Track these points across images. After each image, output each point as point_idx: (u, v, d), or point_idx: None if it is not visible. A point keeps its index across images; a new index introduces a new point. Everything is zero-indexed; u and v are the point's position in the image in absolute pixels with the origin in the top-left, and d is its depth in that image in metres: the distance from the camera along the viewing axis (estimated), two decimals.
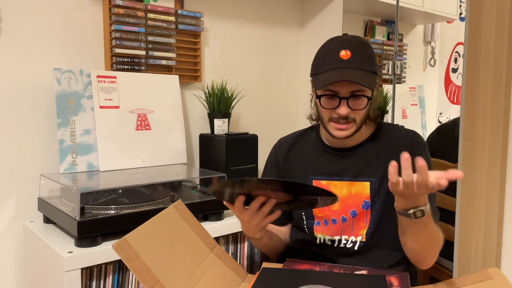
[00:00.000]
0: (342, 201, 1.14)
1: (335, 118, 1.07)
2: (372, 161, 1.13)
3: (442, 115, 2.19)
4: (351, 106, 1.05)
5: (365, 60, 1.05)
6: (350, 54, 1.04)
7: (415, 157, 1.10)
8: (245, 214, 0.99)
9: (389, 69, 1.87)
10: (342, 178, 1.14)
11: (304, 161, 1.20)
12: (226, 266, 1.08)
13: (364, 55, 1.06)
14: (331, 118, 1.08)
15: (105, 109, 1.50)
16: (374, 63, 1.08)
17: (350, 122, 1.07)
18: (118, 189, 1.36)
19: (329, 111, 1.08)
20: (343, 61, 1.04)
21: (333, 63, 1.05)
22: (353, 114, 1.07)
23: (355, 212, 1.13)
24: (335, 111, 1.06)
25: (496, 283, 0.93)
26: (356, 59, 1.04)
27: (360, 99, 1.06)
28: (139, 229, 0.93)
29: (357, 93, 1.04)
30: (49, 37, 1.47)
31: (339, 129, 1.08)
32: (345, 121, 1.07)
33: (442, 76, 2.23)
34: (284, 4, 2.10)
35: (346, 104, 1.05)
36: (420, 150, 1.12)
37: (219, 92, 1.73)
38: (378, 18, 2.07)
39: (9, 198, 1.42)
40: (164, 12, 1.65)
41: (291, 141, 1.26)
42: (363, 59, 1.05)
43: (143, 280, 0.87)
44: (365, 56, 1.06)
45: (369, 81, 1.03)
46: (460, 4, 2.10)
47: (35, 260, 1.32)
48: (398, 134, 1.16)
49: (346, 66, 1.03)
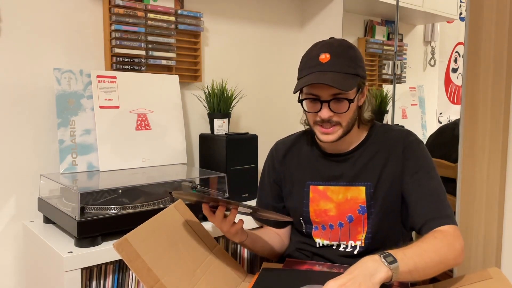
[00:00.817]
0: (338, 206, 1.13)
1: (319, 121, 1.08)
2: (367, 165, 1.12)
3: (442, 115, 2.19)
4: (333, 109, 1.05)
5: (345, 63, 1.04)
6: (329, 57, 1.04)
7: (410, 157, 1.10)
8: (215, 221, 1.06)
9: (389, 69, 1.88)
10: (338, 183, 1.14)
11: (301, 166, 1.20)
12: (226, 266, 1.08)
13: (345, 57, 1.05)
14: (315, 121, 1.09)
15: (105, 109, 1.50)
16: (357, 65, 1.06)
17: (335, 126, 1.07)
18: (118, 189, 1.36)
19: (312, 114, 1.09)
20: (322, 64, 1.04)
21: (312, 66, 1.05)
22: (336, 118, 1.06)
23: (351, 217, 1.12)
24: (317, 114, 1.07)
25: (496, 283, 0.93)
26: (336, 62, 1.03)
27: (342, 102, 1.05)
28: (140, 229, 0.93)
29: (339, 96, 1.04)
30: (49, 37, 1.47)
31: (324, 133, 1.08)
32: (330, 125, 1.07)
33: (442, 76, 2.23)
34: (284, 4, 2.10)
35: (328, 107, 1.05)
36: (414, 148, 1.11)
37: (219, 92, 1.73)
38: (378, 18, 2.07)
39: (9, 198, 1.42)
40: (164, 12, 1.65)
41: (288, 144, 1.26)
42: (343, 61, 1.04)
43: (143, 280, 0.87)
44: (346, 59, 1.05)
45: (346, 84, 1.02)
46: (460, 4, 2.10)
47: (35, 260, 1.32)
48: (391, 135, 1.15)
49: (324, 69, 1.03)
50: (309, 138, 1.23)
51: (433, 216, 1.03)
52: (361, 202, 1.12)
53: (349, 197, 1.12)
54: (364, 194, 1.11)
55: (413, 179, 1.08)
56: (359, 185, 1.12)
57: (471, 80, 1.24)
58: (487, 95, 1.22)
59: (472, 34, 1.23)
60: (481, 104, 1.23)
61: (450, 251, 0.95)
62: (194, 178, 1.56)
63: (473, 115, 1.25)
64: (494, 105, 1.20)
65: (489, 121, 1.22)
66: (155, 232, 0.95)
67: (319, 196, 1.16)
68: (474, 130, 1.24)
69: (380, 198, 1.11)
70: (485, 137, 1.23)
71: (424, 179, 1.08)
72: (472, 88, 1.24)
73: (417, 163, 1.09)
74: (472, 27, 1.23)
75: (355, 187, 1.12)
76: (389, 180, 1.10)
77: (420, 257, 0.91)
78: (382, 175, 1.11)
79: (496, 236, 1.23)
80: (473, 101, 1.24)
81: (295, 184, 1.20)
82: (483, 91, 1.22)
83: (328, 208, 1.14)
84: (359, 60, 1.08)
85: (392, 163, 1.11)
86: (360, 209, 1.12)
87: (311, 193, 1.17)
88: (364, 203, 1.11)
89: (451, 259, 0.95)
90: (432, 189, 1.06)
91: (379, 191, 1.11)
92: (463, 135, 1.27)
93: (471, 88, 1.24)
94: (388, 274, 0.85)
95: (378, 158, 1.12)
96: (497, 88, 1.20)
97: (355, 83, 1.04)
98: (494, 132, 1.21)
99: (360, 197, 1.12)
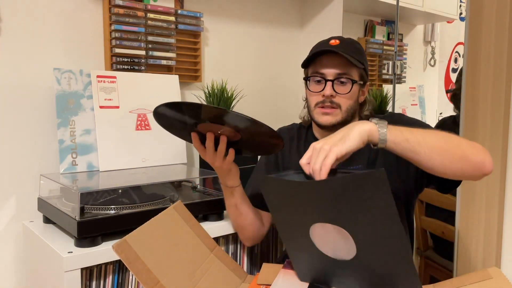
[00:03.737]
0: None
1: (320, 102, 1.11)
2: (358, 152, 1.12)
3: (442, 115, 2.19)
4: (336, 90, 1.09)
5: (353, 51, 1.10)
6: (339, 42, 1.10)
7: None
8: (207, 156, 1.08)
9: (389, 69, 1.87)
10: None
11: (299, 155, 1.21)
12: (226, 267, 1.08)
13: (354, 47, 1.11)
14: (317, 103, 1.11)
15: (105, 109, 1.50)
16: (363, 58, 1.12)
17: (335, 108, 1.10)
18: (118, 189, 1.36)
19: (315, 95, 1.12)
20: (332, 46, 1.09)
21: (321, 47, 1.11)
22: (337, 99, 1.10)
23: None
24: (320, 94, 1.10)
25: (496, 283, 0.92)
26: (345, 46, 1.09)
27: (345, 85, 1.09)
28: (139, 230, 0.93)
29: (343, 76, 1.09)
30: (49, 37, 1.47)
31: (324, 113, 1.11)
32: (330, 105, 1.10)
33: (442, 76, 2.23)
34: (284, 4, 2.10)
35: (331, 86, 1.09)
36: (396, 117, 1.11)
37: (219, 92, 1.73)
38: (378, 18, 2.06)
39: (9, 198, 1.42)
40: (164, 12, 1.65)
41: (291, 132, 1.30)
42: (351, 48, 1.10)
43: (143, 281, 0.87)
44: (354, 48, 1.11)
45: (353, 60, 1.07)
46: (460, 4, 2.10)
47: (35, 260, 1.32)
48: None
49: (333, 49, 1.08)
50: (309, 133, 1.27)
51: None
52: None
53: None
54: None
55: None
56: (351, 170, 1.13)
57: (471, 80, 1.24)
58: (487, 95, 1.22)
59: (472, 34, 1.23)
60: (481, 104, 1.23)
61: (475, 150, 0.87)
62: (194, 178, 1.56)
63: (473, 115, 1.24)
64: (494, 105, 1.20)
65: (489, 121, 1.22)
66: (154, 234, 0.95)
67: None
68: (474, 130, 1.24)
69: None
70: (485, 137, 1.22)
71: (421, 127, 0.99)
72: (472, 88, 1.24)
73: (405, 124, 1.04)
74: (472, 27, 1.22)
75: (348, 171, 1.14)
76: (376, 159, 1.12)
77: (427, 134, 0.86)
78: (370, 156, 1.13)
79: (496, 236, 1.23)
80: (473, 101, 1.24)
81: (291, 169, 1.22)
82: (483, 91, 1.22)
83: None
84: (365, 56, 1.15)
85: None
86: None
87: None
88: None
89: (475, 155, 0.86)
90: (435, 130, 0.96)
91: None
92: (463, 135, 1.26)
93: (471, 88, 1.24)
94: (372, 127, 0.85)
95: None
96: (497, 88, 1.19)
97: (361, 66, 1.10)
98: (494, 132, 1.21)
99: None
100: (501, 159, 1.20)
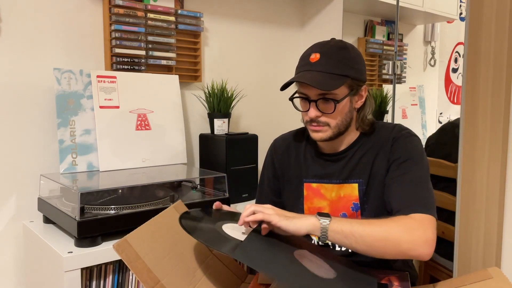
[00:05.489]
0: (332, 204, 1.14)
1: (309, 121, 1.09)
2: (359, 163, 1.12)
3: (442, 115, 2.19)
4: (320, 109, 1.07)
5: (334, 63, 1.04)
6: (319, 57, 1.05)
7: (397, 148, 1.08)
8: None
9: (389, 69, 1.87)
10: (331, 181, 1.14)
11: (298, 163, 1.20)
12: (226, 267, 1.08)
13: (335, 58, 1.05)
14: (307, 120, 1.11)
15: (105, 109, 1.50)
16: (348, 66, 1.05)
17: (323, 126, 1.08)
18: (118, 189, 1.36)
19: (304, 113, 1.11)
20: (311, 64, 1.06)
21: (303, 65, 1.08)
22: (324, 118, 1.07)
23: (345, 215, 1.12)
24: (307, 113, 1.09)
25: (496, 282, 0.93)
26: (324, 62, 1.05)
27: (328, 103, 1.06)
28: (140, 230, 0.93)
29: (326, 96, 1.05)
30: (49, 37, 1.47)
31: (314, 130, 1.10)
32: (317, 124, 1.08)
33: (442, 76, 2.23)
34: (284, 4, 2.10)
35: (315, 106, 1.06)
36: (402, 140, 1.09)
37: (219, 92, 1.73)
38: (378, 18, 2.06)
39: (9, 198, 1.42)
40: (164, 12, 1.65)
41: (286, 142, 1.26)
42: (332, 62, 1.05)
43: (143, 281, 0.87)
44: (336, 60, 1.05)
45: (329, 84, 1.02)
46: (460, 4, 2.10)
47: (35, 260, 1.32)
48: (383, 130, 1.14)
49: (311, 68, 1.05)
50: (307, 136, 1.23)
51: (408, 204, 0.99)
52: (354, 199, 1.12)
53: (342, 194, 1.13)
54: (357, 191, 1.11)
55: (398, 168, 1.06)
56: (352, 182, 1.12)
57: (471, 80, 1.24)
58: (487, 95, 1.22)
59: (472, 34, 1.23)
60: (481, 104, 1.23)
61: (405, 234, 0.91)
62: (194, 178, 1.56)
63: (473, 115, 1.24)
64: (494, 105, 1.20)
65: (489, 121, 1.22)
66: (155, 233, 0.95)
67: (313, 194, 1.16)
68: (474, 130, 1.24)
69: (372, 194, 1.10)
70: (485, 137, 1.22)
71: (409, 167, 1.05)
72: (472, 88, 1.24)
73: (403, 153, 1.07)
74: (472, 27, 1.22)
75: (348, 184, 1.12)
76: (379, 174, 1.10)
77: (361, 224, 0.92)
78: (373, 170, 1.11)
79: (496, 236, 1.23)
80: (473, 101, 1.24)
81: (291, 181, 1.21)
82: (483, 91, 1.22)
83: (322, 206, 1.15)
84: (353, 61, 1.07)
85: (381, 157, 1.11)
86: (354, 206, 1.12)
87: (305, 190, 1.17)
88: (357, 200, 1.11)
89: (405, 242, 0.91)
90: (414, 177, 1.03)
91: (371, 187, 1.10)
92: (463, 135, 1.27)
93: (471, 88, 1.24)
94: (315, 222, 0.92)
95: (369, 155, 1.12)
96: (497, 88, 1.19)
97: (341, 83, 1.04)
98: (494, 132, 1.21)
99: (353, 194, 1.12)
100: (501, 159, 1.20)
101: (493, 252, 1.24)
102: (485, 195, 1.24)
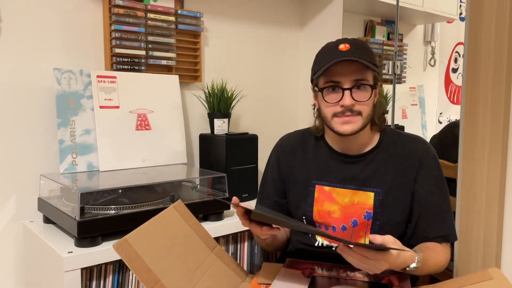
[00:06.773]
0: (343, 209, 1.11)
1: (339, 112, 1.03)
2: (379, 172, 1.10)
3: (442, 115, 2.19)
4: (355, 98, 1.02)
5: (365, 53, 1.03)
6: (349, 47, 1.02)
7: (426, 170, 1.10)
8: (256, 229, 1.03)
9: (389, 69, 1.87)
10: (345, 186, 1.11)
11: (307, 163, 1.17)
12: (226, 266, 1.08)
13: (364, 49, 1.04)
14: (335, 113, 1.04)
15: (105, 109, 1.50)
16: (373, 58, 1.06)
17: (356, 115, 1.03)
18: (118, 189, 1.36)
19: (332, 106, 1.04)
20: (342, 52, 1.01)
21: (332, 55, 1.02)
22: (358, 106, 1.02)
23: (356, 221, 1.10)
24: (338, 104, 1.03)
25: (496, 283, 0.93)
26: (356, 51, 1.02)
27: (363, 90, 1.02)
28: (140, 229, 0.93)
29: (360, 82, 1.02)
30: (49, 37, 1.47)
31: (344, 122, 1.03)
32: (351, 114, 1.03)
33: (442, 76, 2.23)
34: (284, 4, 2.10)
35: (350, 94, 1.01)
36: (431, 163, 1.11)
37: (219, 92, 1.73)
38: (378, 18, 2.06)
39: (9, 198, 1.42)
40: (164, 12, 1.65)
41: (294, 140, 1.22)
42: (363, 51, 1.03)
43: (143, 280, 0.87)
44: (365, 50, 1.04)
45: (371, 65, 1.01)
46: (460, 4, 2.10)
47: (35, 260, 1.32)
48: (408, 144, 1.13)
49: (345, 55, 1.00)
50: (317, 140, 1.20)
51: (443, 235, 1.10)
52: (368, 208, 1.09)
53: (356, 201, 1.10)
54: (372, 200, 1.09)
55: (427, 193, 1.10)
56: (368, 191, 1.09)
57: (471, 80, 1.24)
58: (487, 95, 1.22)
59: (472, 34, 1.23)
60: (481, 104, 1.23)
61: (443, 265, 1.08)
62: (194, 178, 1.56)
63: (473, 115, 1.24)
64: (494, 105, 1.20)
65: (489, 121, 1.22)
66: (155, 233, 0.95)
67: (324, 197, 1.13)
68: (474, 130, 1.24)
69: (388, 207, 1.08)
70: (485, 137, 1.22)
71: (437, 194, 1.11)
72: (472, 88, 1.24)
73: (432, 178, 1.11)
74: (472, 27, 1.23)
75: (364, 192, 1.09)
76: (400, 189, 1.09)
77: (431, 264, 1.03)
78: (394, 183, 1.09)
79: (496, 236, 1.23)
80: (473, 101, 1.24)
81: (299, 181, 1.17)
82: (483, 91, 1.22)
83: (332, 210, 1.12)
84: (374, 55, 1.08)
85: (405, 173, 1.09)
86: (366, 214, 1.09)
87: (316, 192, 1.14)
88: (371, 209, 1.09)
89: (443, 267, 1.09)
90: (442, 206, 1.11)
91: (388, 199, 1.08)
92: (463, 135, 1.27)
93: (471, 88, 1.24)
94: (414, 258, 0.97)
95: (390, 165, 1.10)
96: (497, 88, 1.19)
97: (375, 71, 1.04)
98: (494, 132, 1.21)
99: (367, 202, 1.09)
100: (501, 159, 1.20)
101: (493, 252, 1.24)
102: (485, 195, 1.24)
